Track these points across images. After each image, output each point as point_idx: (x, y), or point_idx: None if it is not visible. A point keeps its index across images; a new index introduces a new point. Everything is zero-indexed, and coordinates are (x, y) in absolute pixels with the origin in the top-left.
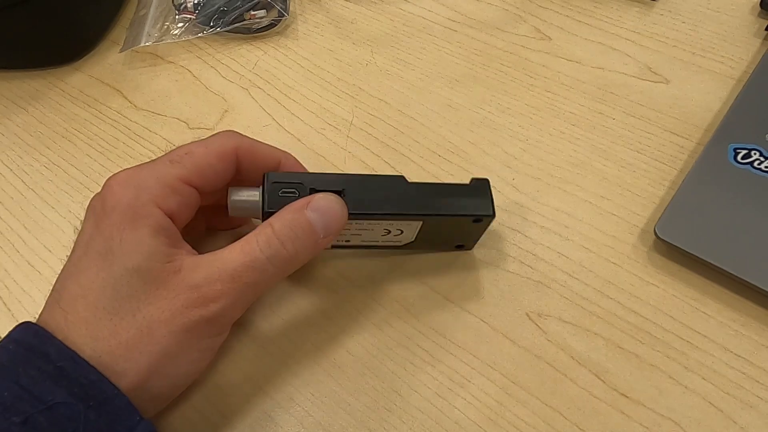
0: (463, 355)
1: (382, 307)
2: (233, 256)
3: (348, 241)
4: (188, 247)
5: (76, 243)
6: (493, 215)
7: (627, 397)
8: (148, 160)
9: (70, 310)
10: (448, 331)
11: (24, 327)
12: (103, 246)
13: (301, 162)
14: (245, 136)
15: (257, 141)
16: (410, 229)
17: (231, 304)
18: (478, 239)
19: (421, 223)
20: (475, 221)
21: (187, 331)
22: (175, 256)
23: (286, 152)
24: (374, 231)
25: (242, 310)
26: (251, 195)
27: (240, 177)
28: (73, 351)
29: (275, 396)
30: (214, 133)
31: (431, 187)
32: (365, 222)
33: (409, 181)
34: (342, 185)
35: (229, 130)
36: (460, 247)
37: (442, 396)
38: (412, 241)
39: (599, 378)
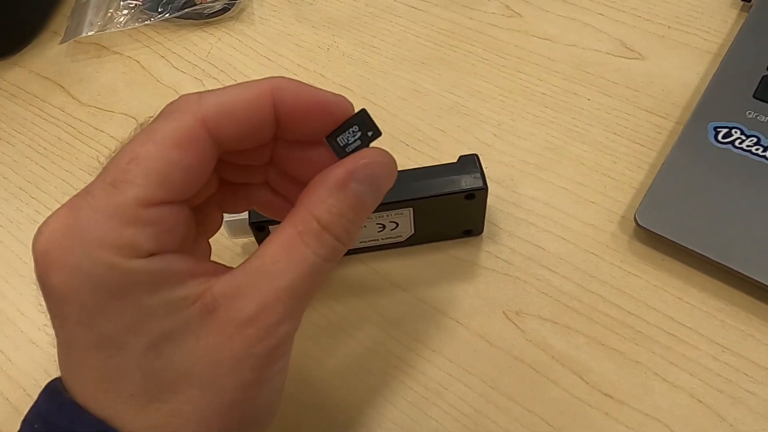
0: (439, 361)
1: (353, 313)
2: (283, 267)
3: None
4: (206, 266)
5: (52, 322)
6: (485, 188)
7: (611, 397)
8: (94, 164)
9: (98, 404)
10: (422, 335)
11: (52, 399)
12: (94, 337)
13: None
14: (224, 92)
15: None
16: (404, 220)
17: (298, 318)
18: (483, 220)
19: (411, 210)
20: (467, 197)
21: (259, 369)
22: (196, 291)
23: (333, 96)
24: (368, 228)
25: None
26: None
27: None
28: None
29: None
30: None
31: (416, 172)
32: None
33: None
34: None
35: (187, 97)
36: (468, 233)
37: (417, 406)
38: (414, 234)
39: (581, 378)
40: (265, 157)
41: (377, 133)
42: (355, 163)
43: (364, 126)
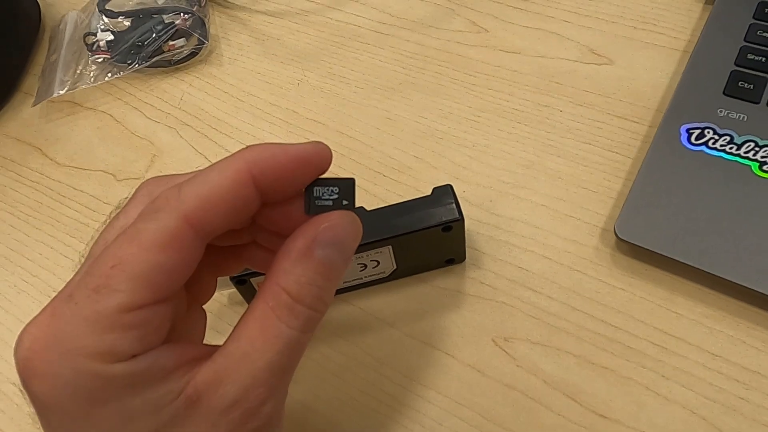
0: (432, 396)
1: (342, 355)
2: (259, 347)
3: None
4: (190, 351)
5: (39, 422)
6: (461, 219)
7: (606, 417)
8: (76, 226)
9: None
10: (414, 371)
11: None
12: None
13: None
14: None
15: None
16: (385, 257)
17: (283, 393)
18: (464, 248)
19: (390, 247)
20: (444, 230)
21: None
22: (180, 384)
23: (310, 146)
24: (350, 269)
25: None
26: None
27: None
28: None
29: None
30: (143, 181)
31: (392, 209)
32: None
33: (369, 209)
34: None
35: (166, 194)
36: (451, 262)
37: None
38: (396, 269)
39: (574, 400)
40: (249, 221)
41: (351, 206)
42: (316, 228)
43: (344, 193)
